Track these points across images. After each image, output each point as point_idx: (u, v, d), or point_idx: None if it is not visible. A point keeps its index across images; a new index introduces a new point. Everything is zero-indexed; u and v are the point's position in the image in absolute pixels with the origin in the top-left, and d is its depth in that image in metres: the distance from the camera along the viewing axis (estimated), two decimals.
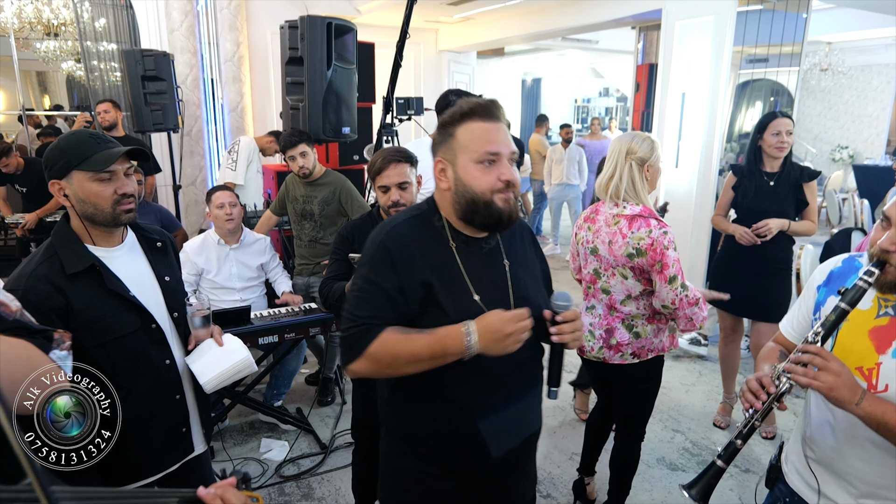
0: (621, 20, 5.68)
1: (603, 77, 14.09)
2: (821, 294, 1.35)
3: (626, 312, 2.23)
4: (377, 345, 1.25)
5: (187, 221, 5.70)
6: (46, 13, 6.21)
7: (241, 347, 1.77)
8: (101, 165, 1.45)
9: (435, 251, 1.32)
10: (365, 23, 6.34)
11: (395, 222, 1.36)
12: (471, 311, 1.27)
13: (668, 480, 2.92)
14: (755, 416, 1.21)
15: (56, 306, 1.42)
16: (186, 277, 3.19)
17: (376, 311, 1.28)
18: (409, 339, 1.24)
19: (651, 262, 2.09)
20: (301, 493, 2.81)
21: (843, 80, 10.46)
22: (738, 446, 1.24)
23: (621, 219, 2.16)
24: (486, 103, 1.30)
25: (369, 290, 1.29)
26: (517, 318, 1.21)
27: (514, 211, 1.32)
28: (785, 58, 4.90)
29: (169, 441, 1.65)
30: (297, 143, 3.25)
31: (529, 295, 1.38)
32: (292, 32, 3.43)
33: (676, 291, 2.08)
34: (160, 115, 4.61)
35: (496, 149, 1.27)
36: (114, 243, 1.57)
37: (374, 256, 1.31)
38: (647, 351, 2.25)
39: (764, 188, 3.05)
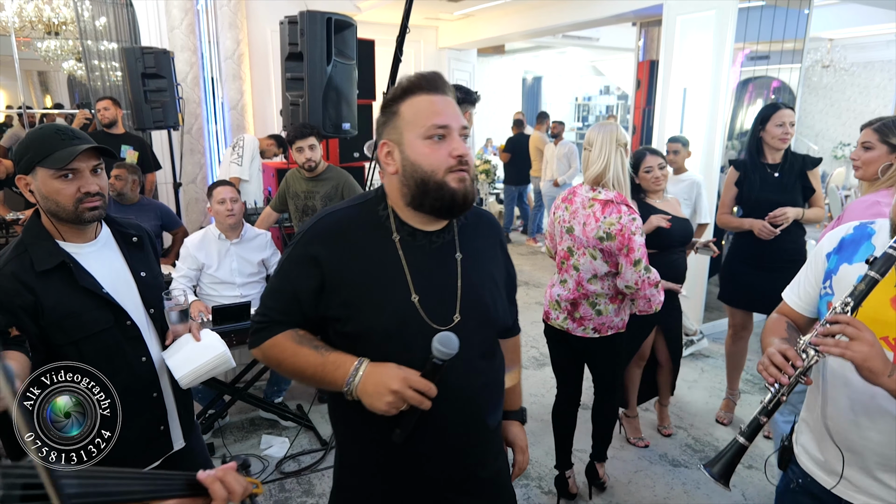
0: (622, 16, 5.66)
1: (604, 75, 14.07)
2: (831, 262, 1.30)
3: (592, 291, 2.39)
4: (269, 345, 1.24)
5: (188, 219, 5.70)
6: (47, 12, 6.20)
7: (219, 342, 1.73)
8: (61, 163, 1.40)
9: (373, 243, 1.22)
10: (365, 20, 6.33)
11: (335, 209, 1.28)
12: (406, 314, 1.18)
13: (670, 477, 2.90)
14: (781, 390, 1.15)
15: (24, 304, 1.38)
16: (187, 272, 3.19)
17: (281, 307, 1.25)
18: (297, 353, 1.20)
19: (619, 245, 2.25)
20: (301, 489, 2.80)
21: (846, 77, 10.43)
22: (761, 422, 1.19)
23: (596, 202, 2.32)
24: (430, 75, 1.20)
25: (282, 283, 1.26)
26: (415, 383, 1.09)
27: (470, 192, 1.18)
28: (787, 54, 4.88)
29: (145, 440, 1.61)
30: (308, 135, 3.25)
31: (482, 301, 1.25)
32: (292, 28, 3.42)
33: (640, 273, 2.26)
34: (160, 112, 4.60)
35: (444, 121, 1.16)
36: (86, 239, 1.53)
37: (299, 244, 1.24)
38: (608, 328, 2.43)
39: (769, 180, 3.03)
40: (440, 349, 1.09)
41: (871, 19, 7.75)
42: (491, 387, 1.30)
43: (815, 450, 1.32)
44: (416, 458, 1.24)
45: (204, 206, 5.86)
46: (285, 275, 1.26)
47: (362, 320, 1.19)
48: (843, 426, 1.24)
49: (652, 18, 5.79)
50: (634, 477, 2.90)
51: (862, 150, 2.14)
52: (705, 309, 4.70)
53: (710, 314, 4.81)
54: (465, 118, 1.29)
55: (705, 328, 4.70)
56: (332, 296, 1.20)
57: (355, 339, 1.20)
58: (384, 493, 1.29)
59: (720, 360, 4.23)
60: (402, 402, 1.10)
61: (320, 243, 1.21)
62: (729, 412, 3.42)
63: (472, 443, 1.27)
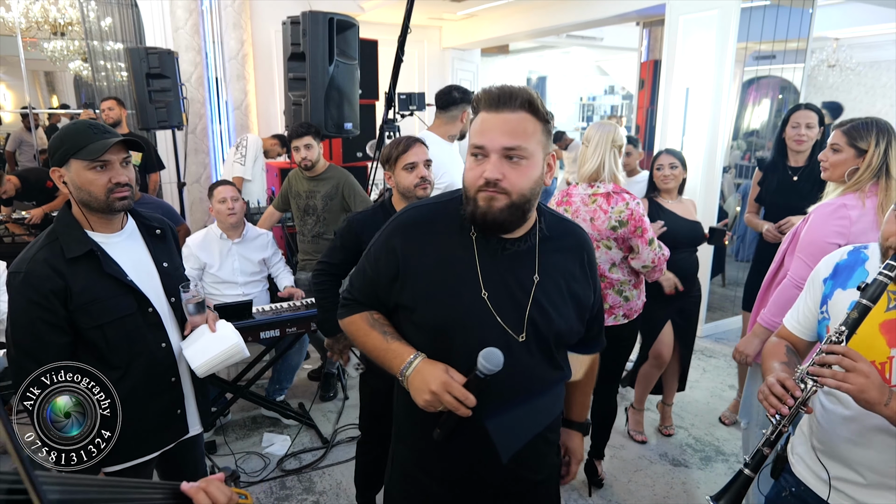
0: (625, 15, 5.65)
1: (608, 75, 14.03)
2: (827, 287, 1.32)
3: (616, 279, 2.52)
4: (348, 322, 1.39)
5: (192, 219, 5.73)
6: (53, 12, 6.24)
7: (233, 333, 1.79)
8: (96, 154, 1.49)
9: (450, 239, 1.26)
10: (368, 20, 6.34)
11: (421, 203, 1.36)
12: (475, 308, 1.21)
13: (670, 476, 2.90)
14: (783, 421, 1.16)
15: (55, 288, 1.47)
16: (189, 272, 3.19)
17: (362, 289, 1.37)
18: (368, 335, 1.32)
19: (632, 228, 2.39)
20: (302, 486, 2.81)
21: (851, 77, 10.36)
22: (765, 454, 1.20)
23: (598, 197, 2.43)
24: (492, 90, 1.18)
25: (365, 265, 1.36)
26: (454, 390, 1.12)
27: (493, 212, 1.16)
28: (791, 54, 4.86)
29: (163, 421, 1.70)
30: (304, 135, 3.27)
31: (548, 321, 1.24)
32: (294, 28, 3.44)
33: (655, 251, 2.42)
34: (164, 112, 4.61)
35: (480, 141, 1.16)
36: (113, 230, 1.62)
37: (383, 234, 1.32)
38: (634, 312, 2.58)
39: (786, 183, 2.96)
40: (484, 364, 1.11)
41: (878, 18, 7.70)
42: (549, 400, 1.32)
43: (812, 461, 1.33)
44: (462, 455, 1.28)
45: (207, 205, 5.89)
46: (370, 259, 1.34)
47: (429, 312, 1.24)
48: (837, 442, 1.25)
49: (655, 18, 5.78)
50: (634, 476, 2.90)
51: (830, 152, 2.10)
52: (708, 309, 4.69)
53: (712, 314, 4.81)
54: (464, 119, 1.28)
55: (708, 328, 4.70)
56: (405, 285, 1.26)
57: (423, 330, 1.26)
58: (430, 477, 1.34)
59: (722, 361, 4.23)
60: (439, 403, 1.14)
61: (401, 234, 1.28)
62: (735, 413, 3.40)
63: (523, 452, 1.29)
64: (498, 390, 1.18)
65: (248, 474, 2.88)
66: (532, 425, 1.30)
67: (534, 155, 1.17)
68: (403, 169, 2.21)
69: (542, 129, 1.18)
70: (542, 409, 1.31)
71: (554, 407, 1.36)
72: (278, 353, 3.24)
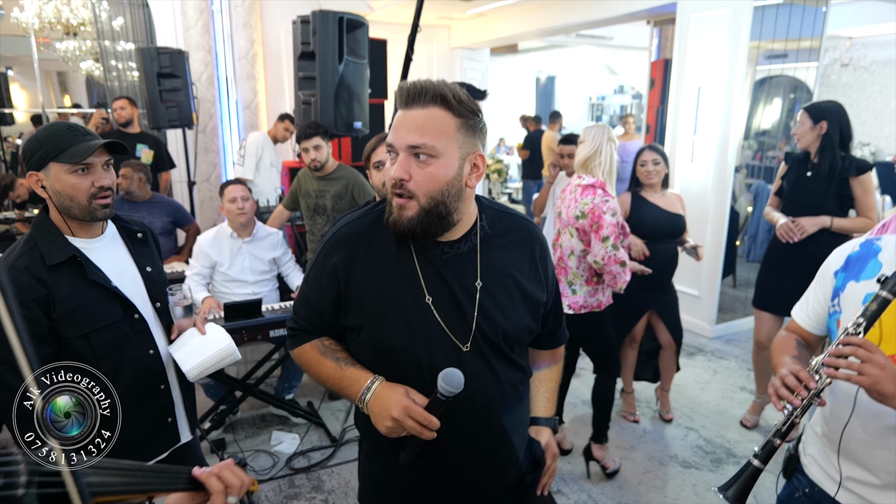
0: (636, 14, 5.62)
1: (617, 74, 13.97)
2: (839, 280, 1.29)
3: (569, 267, 2.68)
4: (298, 352, 1.32)
5: (202, 217, 5.75)
6: (66, 13, 6.30)
7: (224, 335, 1.76)
8: (78, 158, 1.43)
9: (390, 248, 1.19)
10: (378, 20, 6.35)
11: (350, 219, 1.28)
12: (421, 316, 1.16)
13: (680, 478, 2.88)
14: (794, 413, 1.14)
15: (37, 297, 1.41)
16: (200, 270, 3.22)
17: (308, 316, 1.30)
18: (320, 364, 1.26)
19: (591, 222, 2.53)
20: (311, 485, 2.81)
21: (865, 76, 10.25)
22: (775, 445, 1.18)
23: (578, 188, 2.62)
24: (407, 85, 1.11)
25: (308, 292, 1.29)
26: (416, 415, 1.08)
27: (401, 220, 1.11)
28: (804, 53, 4.80)
29: (155, 431, 1.64)
30: (312, 136, 3.26)
31: (497, 325, 1.19)
32: (304, 27, 3.45)
33: (607, 249, 2.50)
34: (175, 111, 4.64)
35: (390, 139, 1.12)
36: (94, 234, 1.56)
37: (321, 254, 1.25)
38: (581, 307, 2.69)
39: (801, 179, 2.92)
40: (444, 387, 1.07)
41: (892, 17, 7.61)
42: (509, 401, 1.25)
43: (825, 462, 1.30)
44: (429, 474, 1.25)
45: (218, 204, 5.91)
46: (310, 284, 1.28)
47: (377, 328, 1.18)
48: (852, 443, 1.23)
49: (666, 17, 5.74)
50: (644, 478, 2.88)
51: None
52: (718, 310, 4.65)
53: (723, 315, 4.77)
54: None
55: (718, 329, 4.66)
56: (349, 305, 1.21)
57: (372, 349, 1.21)
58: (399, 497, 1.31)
59: (733, 362, 4.19)
60: (402, 429, 1.11)
61: (338, 252, 1.22)
62: (755, 415, 3.36)
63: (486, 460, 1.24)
64: (456, 401, 1.11)
65: (257, 472, 2.89)
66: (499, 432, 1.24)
67: (445, 153, 1.10)
68: (374, 167, 2.16)
69: (458, 125, 1.10)
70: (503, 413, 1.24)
71: (514, 407, 1.28)
72: (287, 351, 3.24)
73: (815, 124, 2.86)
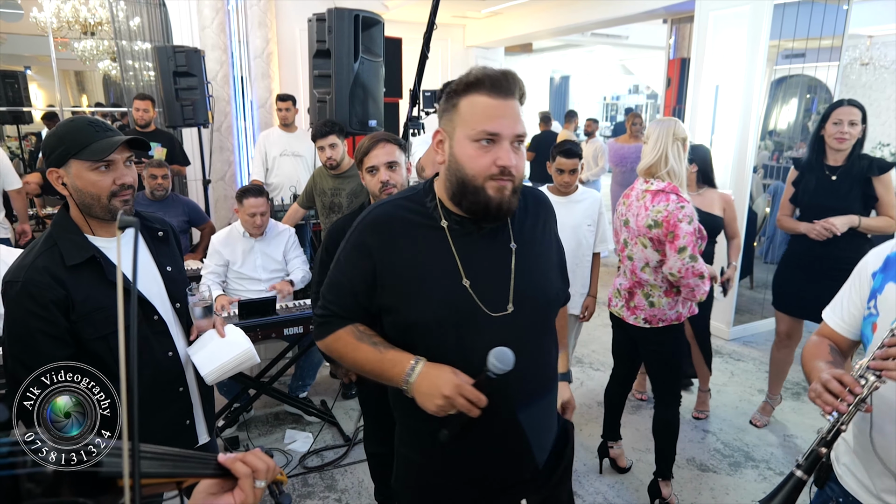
0: (653, 12, 5.56)
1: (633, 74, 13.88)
2: (877, 281, 1.24)
3: (644, 280, 2.47)
4: (332, 339, 1.29)
5: (217, 216, 5.77)
6: (83, 12, 6.36)
7: (244, 338, 1.73)
8: (100, 154, 1.38)
9: (422, 233, 1.22)
10: (393, 18, 6.34)
11: (384, 201, 1.30)
12: (458, 298, 1.18)
13: (697, 482, 2.84)
14: (841, 419, 1.09)
15: (56, 298, 1.37)
16: (214, 268, 3.23)
17: (340, 301, 1.28)
18: (358, 349, 1.24)
19: (665, 232, 2.31)
20: (324, 484, 2.81)
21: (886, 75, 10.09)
22: (821, 454, 1.12)
23: (647, 193, 2.40)
24: (497, 74, 1.15)
25: (340, 274, 1.28)
26: (466, 392, 1.10)
27: (507, 201, 1.17)
28: (824, 52, 4.73)
29: (173, 434, 1.60)
30: (328, 134, 3.25)
31: (534, 285, 1.25)
32: (320, 25, 3.44)
33: (684, 261, 2.29)
34: (191, 110, 4.66)
35: (496, 128, 1.14)
36: (114, 233, 1.50)
37: (351, 238, 1.27)
38: (659, 320, 2.47)
39: (824, 183, 2.84)
40: (496, 364, 1.08)
41: None
42: (544, 368, 1.31)
43: (863, 473, 1.25)
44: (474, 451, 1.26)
45: (232, 203, 5.92)
46: (341, 268, 1.28)
47: (413, 310, 1.20)
48: (893, 454, 1.18)
49: (683, 15, 5.67)
50: None
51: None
52: (736, 312, 4.59)
53: (740, 316, 4.70)
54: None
55: (735, 331, 4.60)
56: (384, 287, 1.22)
57: (408, 331, 1.22)
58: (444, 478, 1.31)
59: (750, 364, 4.13)
60: (451, 406, 1.11)
61: (371, 234, 1.23)
62: (765, 415, 3.33)
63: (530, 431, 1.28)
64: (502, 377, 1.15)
65: None
66: (545, 404, 1.30)
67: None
68: (367, 171, 2.12)
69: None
70: (548, 381, 1.32)
71: (552, 378, 1.35)
72: (301, 349, 3.24)
73: (863, 125, 2.81)
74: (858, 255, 2.94)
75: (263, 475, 0.85)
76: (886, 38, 9.54)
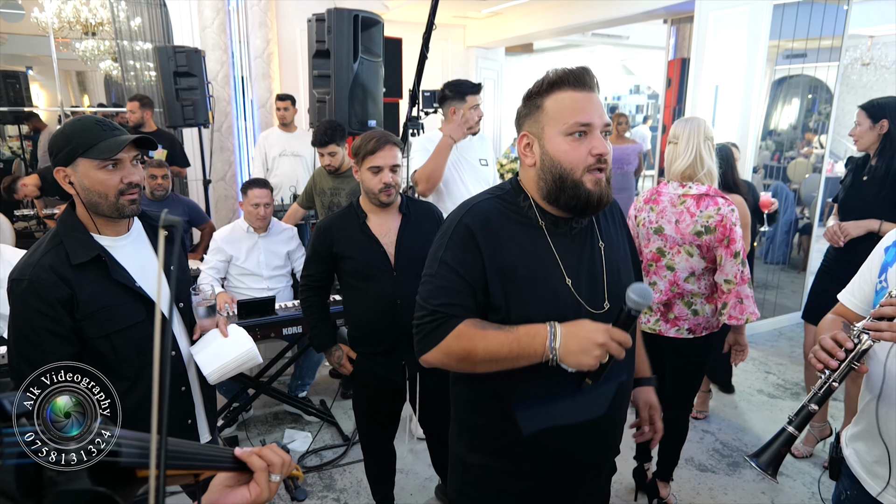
0: (653, 12, 5.56)
1: (634, 74, 13.87)
2: (889, 255, 1.26)
3: (688, 290, 2.31)
4: (452, 337, 1.18)
5: (217, 216, 5.78)
6: (84, 13, 6.37)
7: (247, 338, 1.73)
8: (108, 153, 1.40)
9: (522, 231, 1.23)
10: (393, 19, 6.35)
11: (476, 201, 1.29)
12: (563, 298, 1.20)
13: (696, 482, 2.84)
14: (832, 376, 1.11)
15: (61, 297, 1.38)
16: (216, 264, 3.24)
17: (454, 300, 1.20)
18: (486, 336, 1.15)
19: (720, 237, 2.17)
20: (323, 483, 2.81)
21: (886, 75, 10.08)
22: (811, 411, 1.14)
23: (688, 198, 2.24)
24: (578, 70, 1.20)
25: (447, 276, 1.21)
26: (616, 335, 1.09)
27: (605, 194, 1.19)
28: (824, 52, 4.72)
29: (173, 433, 1.60)
30: (328, 143, 3.25)
31: (623, 281, 1.27)
32: (319, 25, 3.45)
33: (738, 267, 2.17)
34: (191, 110, 4.66)
35: (588, 119, 1.16)
36: (120, 232, 1.53)
37: (454, 237, 1.22)
38: (703, 329, 2.34)
39: (856, 183, 2.76)
40: (635, 300, 1.08)
41: None
42: (628, 368, 1.34)
43: (865, 451, 1.27)
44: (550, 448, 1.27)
45: (233, 203, 5.94)
46: (448, 268, 1.22)
47: (522, 308, 1.20)
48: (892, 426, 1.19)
49: (684, 15, 5.67)
50: None
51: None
52: None
53: None
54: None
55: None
56: (491, 285, 1.21)
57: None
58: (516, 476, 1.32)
59: (751, 364, 4.13)
60: (606, 354, 1.09)
61: (476, 230, 1.22)
62: (808, 446, 3.05)
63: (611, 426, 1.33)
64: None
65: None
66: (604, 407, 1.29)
67: None
68: (369, 170, 2.08)
69: None
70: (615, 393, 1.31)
71: (624, 395, 1.36)
72: (301, 349, 3.25)
73: (874, 123, 2.66)
74: None
75: (279, 469, 0.86)
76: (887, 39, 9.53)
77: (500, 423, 1.28)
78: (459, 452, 1.38)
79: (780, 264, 5.37)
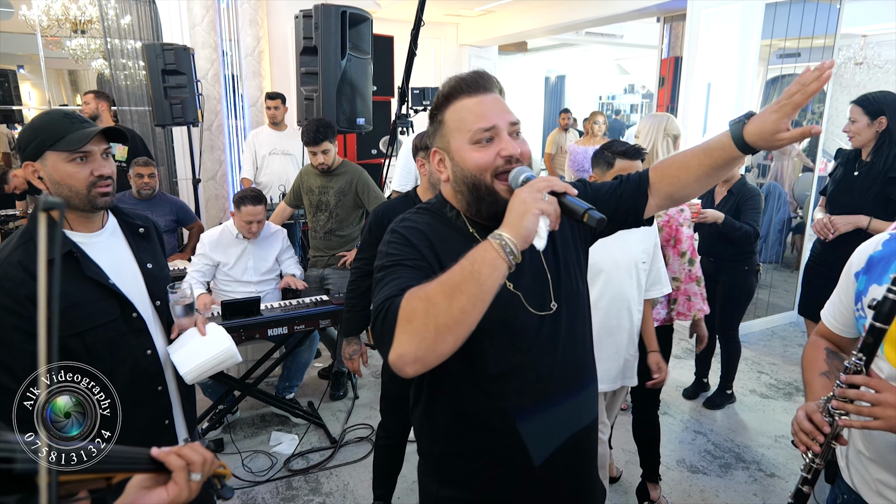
0: (645, 10, 5.55)
1: (628, 73, 13.86)
2: (860, 283, 1.21)
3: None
4: (405, 305, 0.99)
5: (207, 216, 5.73)
6: (73, 10, 6.30)
7: (225, 337, 1.70)
8: (76, 145, 1.37)
9: (457, 239, 1.18)
10: (385, 17, 6.31)
11: (405, 215, 1.25)
12: (509, 304, 1.15)
13: (688, 483, 2.81)
14: (815, 459, 1.12)
15: (30, 293, 1.33)
16: (202, 268, 3.19)
17: (402, 285, 1.05)
18: (437, 282, 0.99)
19: (667, 237, 2.18)
20: (309, 487, 2.77)
21: (880, 75, 10.09)
22: (805, 492, 1.16)
23: None
24: (469, 76, 1.15)
25: (391, 269, 1.12)
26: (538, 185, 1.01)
27: None
28: (817, 51, 4.71)
29: (151, 434, 1.56)
30: (321, 141, 3.20)
31: (571, 286, 1.23)
32: (307, 21, 3.41)
33: (684, 266, 2.20)
34: (180, 108, 4.61)
35: (489, 122, 1.11)
36: (93, 228, 1.49)
37: (390, 242, 1.19)
38: (662, 321, 2.37)
39: (847, 178, 2.74)
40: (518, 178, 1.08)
41: None
42: (583, 369, 1.28)
43: (861, 466, 1.24)
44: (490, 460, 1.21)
45: (223, 202, 5.89)
46: (390, 264, 1.13)
47: None
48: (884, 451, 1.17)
49: (676, 13, 5.66)
50: None
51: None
52: None
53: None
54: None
55: None
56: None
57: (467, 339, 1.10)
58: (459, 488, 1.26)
59: (742, 364, 4.09)
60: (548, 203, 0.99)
61: (411, 233, 1.17)
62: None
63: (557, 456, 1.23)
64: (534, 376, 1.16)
65: (255, 473, 2.85)
66: (568, 422, 1.23)
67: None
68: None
69: None
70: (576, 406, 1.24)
71: (588, 405, 1.27)
72: (288, 350, 3.20)
73: (872, 120, 2.61)
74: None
75: (199, 468, 0.84)
76: (880, 38, 9.54)
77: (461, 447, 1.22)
78: (431, 489, 1.31)
79: (774, 263, 5.35)
